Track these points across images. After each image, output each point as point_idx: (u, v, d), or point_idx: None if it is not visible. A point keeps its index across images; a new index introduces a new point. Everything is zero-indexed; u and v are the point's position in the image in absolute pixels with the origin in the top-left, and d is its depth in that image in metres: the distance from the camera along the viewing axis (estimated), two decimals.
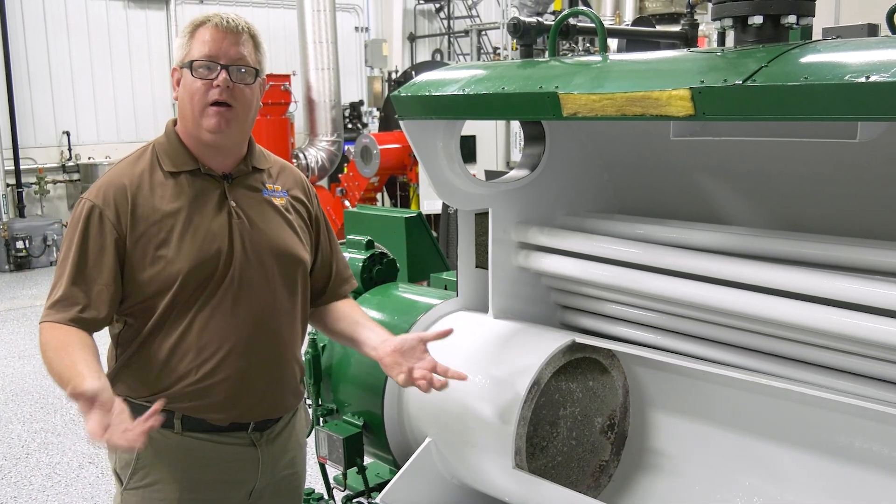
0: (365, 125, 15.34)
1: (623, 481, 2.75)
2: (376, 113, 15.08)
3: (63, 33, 13.38)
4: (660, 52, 2.12)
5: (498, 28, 10.72)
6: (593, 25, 2.66)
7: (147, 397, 2.12)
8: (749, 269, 2.23)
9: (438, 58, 16.05)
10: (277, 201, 2.29)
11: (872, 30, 4.89)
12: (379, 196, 12.06)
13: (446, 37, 17.66)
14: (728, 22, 1.99)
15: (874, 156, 2.11)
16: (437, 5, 17.99)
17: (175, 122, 2.23)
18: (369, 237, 3.29)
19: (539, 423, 2.67)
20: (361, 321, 2.38)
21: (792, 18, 1.94)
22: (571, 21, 2.98)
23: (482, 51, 15.29)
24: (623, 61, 2.08)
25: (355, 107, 15.34)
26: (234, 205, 2.18)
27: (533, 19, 2.56)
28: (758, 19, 1.94)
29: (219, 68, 2.08)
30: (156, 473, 2.14)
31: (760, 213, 2.57)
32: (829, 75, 1.57)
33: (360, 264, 3.20)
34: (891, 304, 1.96)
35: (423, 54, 17.76)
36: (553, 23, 2.42)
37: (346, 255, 3.23)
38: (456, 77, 2.32)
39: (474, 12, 17.71)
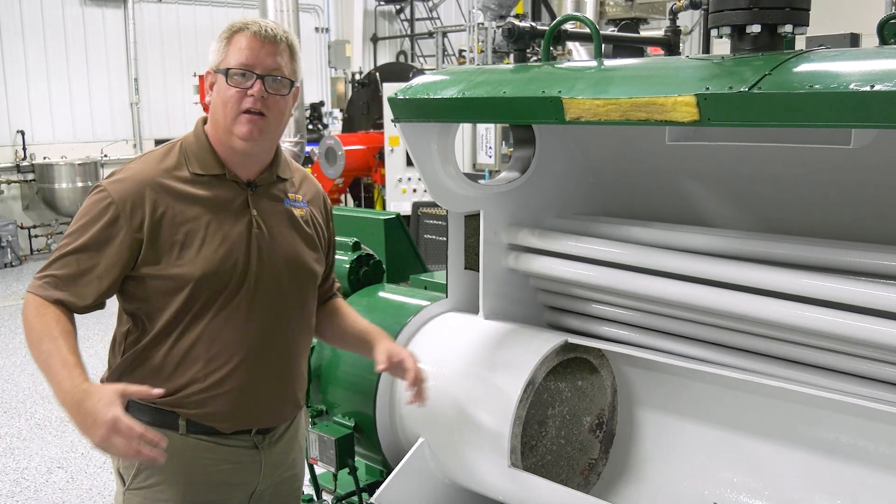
0: (325, 126, 15.27)
1: (612, 479, 2.80)
2: (337, 114, 15.01)
3: (17, 31, 13.08)
4: (659, 59, 2.17)
5: (464, 30, 10.76)
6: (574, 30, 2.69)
7: (149, 401, 2.10)
8: (733, 269, 2.30)
9: (403, 59, 16.01)
10: (297, 212, 2.26)
11: (854, 39, 5.05)
12: (343, 197, 12.02)
13: (409, 39, 17.64)
14: (726, 30, 2.05)
15: (864, 161, 2.19)
16: (398, 7, 17.97)
17: (205, 121, 2.20)
18: (356, 239, 3.30)
19: (527, 422, 2.70)
20: (366, 330, 2.50)
21: (788, 28, 2.00)
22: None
23: (445, 53, 15.29)
24: (625, 67, 2.13)
25: (316, 108, 15.24)
26: (255, 213, 2.16)
27: (526, 24, 2.60)
28: (755, 28, 1.99)
29: (254, 77, 2.06)
30: (159, 474, 2.12)
31: (746, 217, 2.63)
32: (834, 83, 1.63)
33: (347, 266, 3.21)
34: (872, 303, 2.03)
35: (383, 56, 17.72)
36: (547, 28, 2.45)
37: None
38: (455, 80, 2.35)
39: (435, 14, 17.72)
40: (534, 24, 2.62)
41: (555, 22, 2.40)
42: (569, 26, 4.19)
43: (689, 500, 2.61)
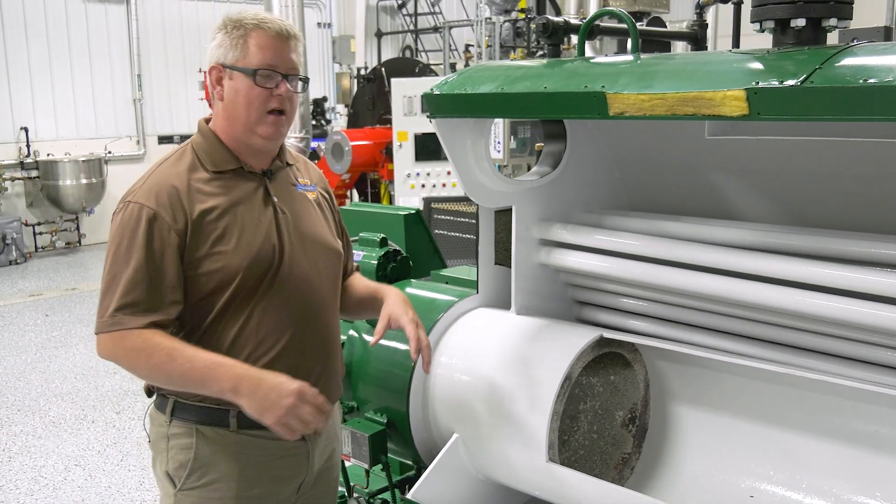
0: (329, 122, 15.26)
1: (645, 473, 2.80)
2: (340, 109, 14.98)
3: (20, 28, 13.06)
4: (703, 53, 2.17)
5: (470, 25, 10.74)
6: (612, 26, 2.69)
7: (198, 400, 2.11)
8: (766, 262, 2.30)
9: (408, 55, 15.98)
10: (311, 195, 2.34)
11: (888, 32, 5.04)
12: (349, 193, 12.01)
13: (413, 34, 17.58)
14: (769, 24, 2.04)
15: None
16: (399, 1, 17.93)
17: (207, 121, 2.22)
18: (383, 235, 3.30)
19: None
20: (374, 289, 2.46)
21: (833, 21, 1.99)
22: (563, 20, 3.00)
23: (450, 48, 15.26)
24: (668, 62, 2.12)
25: (319, 103, 15.24)
26: (277, 200, 2.21)
27: (560, 19, 2.59)
28: (800, 22, 1.99)
29: (279, 77, 2.09)
30: (213, 473, 2.13)
31: (782, 213, 2.62)
32: (889, 77, 1.63)
33: (375, 262, 3.20)
34: None
35: (386, 51, 17.68)
36: (583, 23, 2.45)
37: (360, 252, 3.24)
38: (492, 75, 2.34)
39: (437, 9, 17.69)
40: (567, 18, 2.62)
41: (590, 16, 2.40)
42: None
43: (724, 493, 2.62)
